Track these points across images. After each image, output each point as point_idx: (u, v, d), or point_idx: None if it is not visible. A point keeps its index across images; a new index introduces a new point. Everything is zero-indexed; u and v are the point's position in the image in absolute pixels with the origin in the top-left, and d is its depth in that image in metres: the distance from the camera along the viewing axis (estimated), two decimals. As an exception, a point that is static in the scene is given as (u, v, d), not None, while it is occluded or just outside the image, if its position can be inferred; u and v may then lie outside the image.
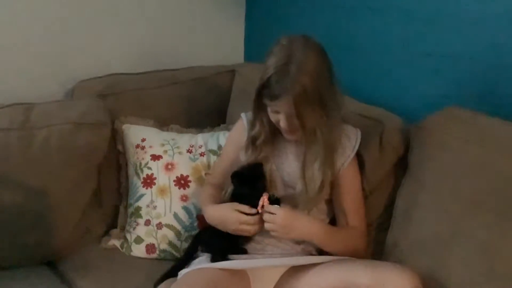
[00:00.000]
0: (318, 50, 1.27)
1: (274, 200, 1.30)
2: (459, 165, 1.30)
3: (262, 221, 1.28)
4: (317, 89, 1.23)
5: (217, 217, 1.36)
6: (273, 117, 1.31)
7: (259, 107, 1.32)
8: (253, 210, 1.29)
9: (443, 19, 1.49)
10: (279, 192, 1.36)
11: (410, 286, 1.12)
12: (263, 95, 1.27)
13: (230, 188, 1.39)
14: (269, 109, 1.30)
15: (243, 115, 1.47)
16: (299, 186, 1.33)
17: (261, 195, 1.29)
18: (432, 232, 1.28)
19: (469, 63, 1.45)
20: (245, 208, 1.29)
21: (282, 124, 1.29)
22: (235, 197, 1.34)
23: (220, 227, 1.34)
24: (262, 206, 1.28)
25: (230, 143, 1.51)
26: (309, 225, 1.31)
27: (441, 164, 1.33)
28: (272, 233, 1.28)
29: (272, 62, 1.25)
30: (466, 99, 1.43)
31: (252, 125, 1.38)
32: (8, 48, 1.63)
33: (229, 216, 1.31)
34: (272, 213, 1.27)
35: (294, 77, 1.21)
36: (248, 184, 1.32)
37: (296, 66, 1.22)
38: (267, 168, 1.36)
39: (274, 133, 1.36)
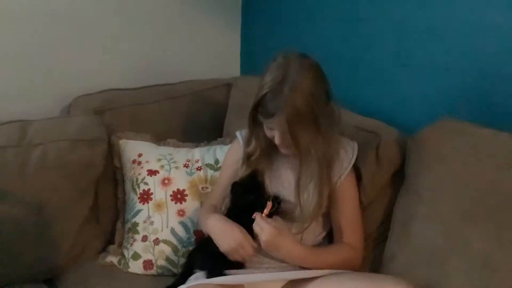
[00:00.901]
0: (314, 69, 1.27)
1: (278, 203, 1.31)
2: (455, 176, 1.30)
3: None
4: (310, 110, 1.23)
5: (221, 227, 1.32)
6: (268, 133, 1.31)
7: (254, 122, 1.33)
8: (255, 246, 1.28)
9: (437, 30, 1.49)
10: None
11: None
12: (258, 112, 1.28)
13: (227, 202, 1.39)
14: (265, 126, 1.31)
15: (238, 133, 1.48)
16: (295, 206, 1.33)
17: (265, 200, 1.30)
18: (430, 244, 1.27)
19: (464, 74, 1.45)
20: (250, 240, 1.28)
21: (277, 140, 1.29)
22: (238, 207, 1.33)
23: (217, 238, 1.32)
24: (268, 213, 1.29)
25: (226, 164, 1.50)
26: (292, 249, 1.28)
27: (437, 176, 1.33)
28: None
29: (267, 80, 1.25)
30: (461, 111, 1.43)
31: (247, 141, 1.38)
32: (3, 66, 1.64)
33: (234, 232, 1.29)
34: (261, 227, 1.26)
35: (287, 97, 1.21)
36: (253, 191, 1.32)
37: (289, 86, 1.22)
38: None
39: (271, 147, 1.36)
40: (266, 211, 1.29)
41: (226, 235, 1.30)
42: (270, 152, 1.38)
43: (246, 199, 1.33)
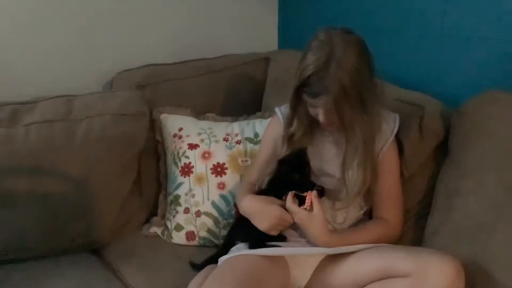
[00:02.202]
0: (358, 45, 1.25)
1: (320, 191, 1.31)
2: (501, 150, 1.27)
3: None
4: (356, 87, 1.22)
5: (256, 207, 1.33)
6: (312, 111, 1.30)
7: (297, 101, 1.31)
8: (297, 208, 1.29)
9: (483, 1, 1.45)
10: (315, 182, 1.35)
11: (452, 272, 1.11)
12: (302, 91, 1.26)
13: (267, 178, 1.39)
14: (308, 104, 1.29)
15: (277, 109, 1.46)
16: (338, 181, 1.33)
17: (308, 182, 1.30)
18: (474, 219, 1.26)
19: (510, 45, 1.40)
20: (294, 206, 1.29)
21: (321, 118, 1.28)
22: (280, 183, 1.34)
23: (254, 218, 1.32)
24: (311, 204, 1.28)
25: (266, 140, 1.49)
26: (320, 234, 1.28)
27: (482, 149, 1.30)
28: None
29: (311, 60, 1.22)
30: (507, 82, 1.39)
31: (289, 121, 1.37)
32: (49, 43, 1.68)
33: (271, 209, 1.30)
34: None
35: (334, 76, 1.20)
36: (297, 170, 1.32)
37: (336, 64, 1.20)
38: None
39: (312, 124, 1.35)
40: (308, 203, 1.28)
41: (264, 214, 1.31)
42: (311, 129, 1.37)
43: (291, 177, 1.32)
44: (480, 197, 1.27)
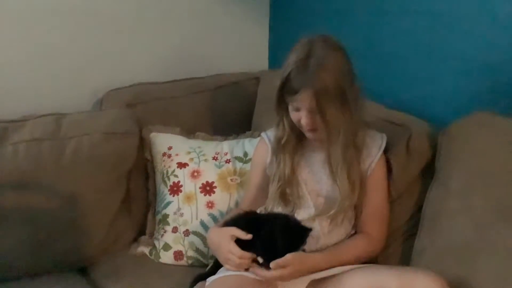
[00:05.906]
0: (338, 48, 1.29)
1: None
2: (487, 170, 1.29)
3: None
4: (338, 84, 1.24)
5: (215, 242, 1.32)
6: (295, 117, 1.31)
7: (281, 108, 1.33)
8: (248, 236, 1.26)
9: (470, 22, 1.47)
10: (310, 205, 1.36)
11: (437, 287, 1.12)
12: (284, 92, 1.28)
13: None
14: (290, 108, 1.31)
15: (264, 135, 1.48)
16: (330, 192, 1.34)
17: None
18: (461, 239, 1.26)
19: (497, 67, 1.43)
20: (242, 234, 1.27)
21: (303, 121, 1.28)
22: (266, 240, 1.26)
23: (215, 253, 1.32)
24: None
25: (255, 168, 1.49)
26: (315, 262, 1.26)
27: (469, 170, 1.32)
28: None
29: (292, 58, 1.27)
30: (493, 104, 1.41)
31: (276, 126, 1.39)
32: (38, 60, 1.68)
33: (223, 244, 1.28)
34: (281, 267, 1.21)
35: (314, 71, 1.23)
36: (292, 242, 1.24)
37: (316, 60, 1.24)
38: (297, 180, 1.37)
39: (300, 139, 1.36)
40: None
41: (218, 249, 1.30)
42: (299, 146, 1.38)
43: (281, 243, 1.24)
44: (467, 217, 1.28)
